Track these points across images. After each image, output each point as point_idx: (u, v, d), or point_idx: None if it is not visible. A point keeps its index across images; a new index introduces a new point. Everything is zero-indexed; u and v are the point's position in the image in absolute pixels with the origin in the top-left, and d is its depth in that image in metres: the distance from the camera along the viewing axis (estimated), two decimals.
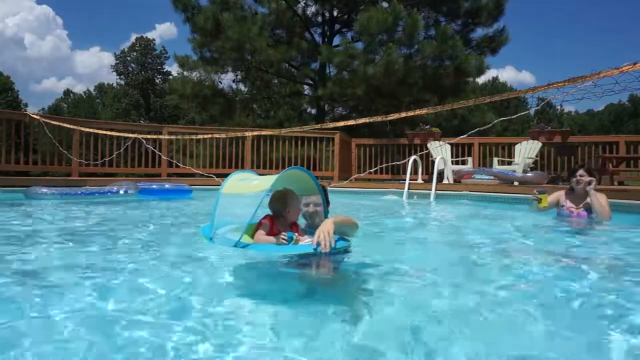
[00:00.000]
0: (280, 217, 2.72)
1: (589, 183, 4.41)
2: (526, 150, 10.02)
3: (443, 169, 9.68)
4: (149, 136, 10.17)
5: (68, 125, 9.13)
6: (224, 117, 16.51)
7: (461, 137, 8.25)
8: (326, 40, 16.54)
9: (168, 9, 15.55)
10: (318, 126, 9.41)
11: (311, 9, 16.50)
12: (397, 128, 16.38)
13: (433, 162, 9.42)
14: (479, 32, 15.80)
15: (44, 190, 6.35)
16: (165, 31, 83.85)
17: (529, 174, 8.74)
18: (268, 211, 2.75)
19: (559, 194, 4.73)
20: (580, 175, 4.42)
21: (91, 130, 9.52)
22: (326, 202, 2.88)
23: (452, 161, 10.53)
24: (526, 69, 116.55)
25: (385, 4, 14.17)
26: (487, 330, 1.59)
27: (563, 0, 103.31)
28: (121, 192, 6.84)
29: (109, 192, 6.91)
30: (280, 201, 2.73)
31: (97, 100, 58.02)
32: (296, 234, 2.64)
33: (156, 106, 50.02)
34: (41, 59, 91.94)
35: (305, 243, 2.55)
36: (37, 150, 9.70)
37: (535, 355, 1.39)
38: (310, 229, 2.78)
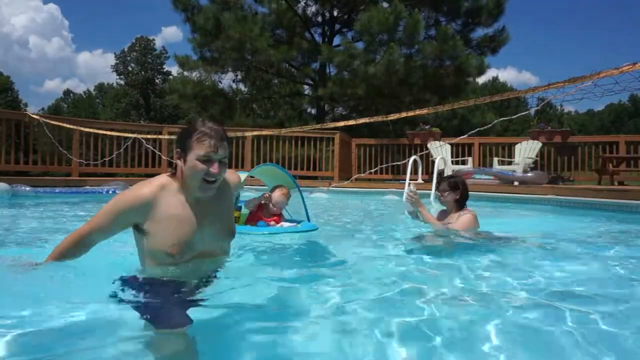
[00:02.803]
0: (267, 205, 3.59)
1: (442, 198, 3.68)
2: (526, 150, 10.01)
3: (443, 169, 9.68)
4: (149, 136, 10.17)
5: (68, 125, 9.14)
6: (224, 117, 16.51)
7: (461, 137, 8.24)
8: (326, 40, 16.53)
9: (174, 13, 15.57)
10: (318, 126, 9.42)
11: (311, 9, 16.52)
12: (397, 128, 16.38)
13: (433, 162, 9.41)
14: (479, 32, 15.83)
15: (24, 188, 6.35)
16: (171, 34, 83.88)
17: (529, 174, 8.74)
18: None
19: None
20: (443, 190, 3.66)
21: (91, 130, 9.52)
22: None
23: (452, 161, 10.53)
24: (527, 69, 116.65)
25: (385, 4, 14.17)
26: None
27: None
28: (111, 191, 6.81)
29: (91, 192, 6.88)
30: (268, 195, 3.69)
31: (97, 100, 58.04)
32: (272, 221, 3.59)
33: (156, 106, 50.00)
34: (46, 60, 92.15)
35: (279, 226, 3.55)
36: (37, 150, 9.70)
37: None
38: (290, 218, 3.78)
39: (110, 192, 6.83)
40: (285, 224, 3.61)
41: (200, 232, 1.92)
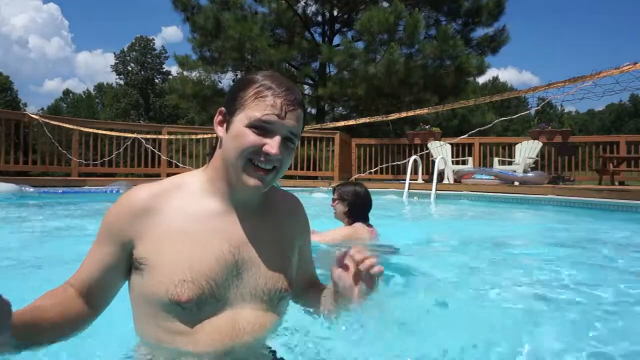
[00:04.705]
0: None
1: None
2: (527, 150, 10.00)
3: (443, 169, 9.67)
4: (148, 136, 10.16)
5: (67, 125, 9.13)
6: None
7: (462, 137, 8.25)
8: (326, 39, 16.53)
9: (174, 13, 15.62)
10: (318, 126, 9.42)
11: (311, 9, 16.50)
12: (397, 128, 16.38)
13: (433, 162, 9.40)
14: (480, 32, 15.81)
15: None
16: (171, 34, 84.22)
17: (530, 174, 8.72)
18: None
19: None
20: (333, 199, 3.12)
21: (91, 130, 9.51)
22: None
23: (452, 161, 10.52)
24: (527, 69, 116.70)
25: (385, 4, 14.16)
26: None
27: None
28: (114, 191, 6.82)
29: (94, 192, 6.88)
30: None
31: (97, 100, 58.07)
32: None
33: (156, 106, 50.05)
34: (46, 60, 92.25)
35: None
36: (37, 150, 9.69)
37: None
38: None
39: (114, 191, 6.85)
40: None
41: (234, 264, 1.07)
